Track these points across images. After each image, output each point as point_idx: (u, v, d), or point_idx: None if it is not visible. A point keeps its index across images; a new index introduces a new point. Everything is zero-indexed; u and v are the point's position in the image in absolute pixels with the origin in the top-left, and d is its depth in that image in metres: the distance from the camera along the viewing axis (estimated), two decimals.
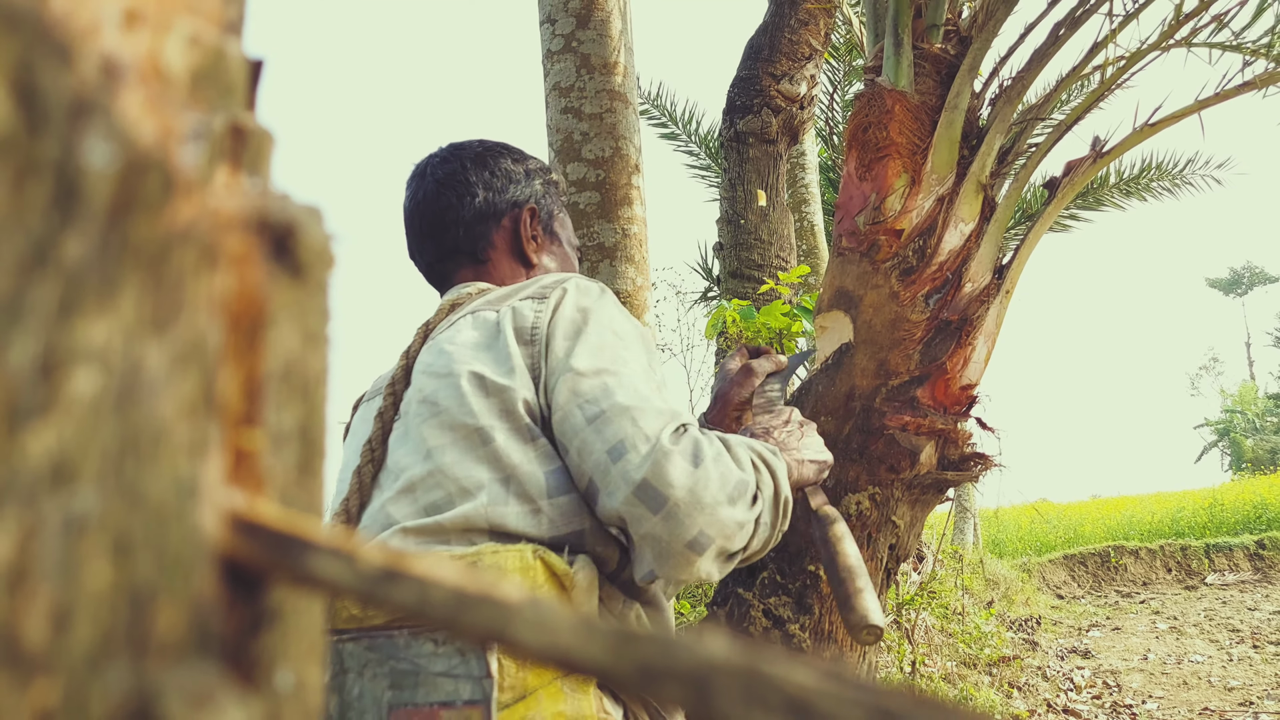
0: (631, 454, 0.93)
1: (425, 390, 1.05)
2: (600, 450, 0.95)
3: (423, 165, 1.34)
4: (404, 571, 0.22)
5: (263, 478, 0.24)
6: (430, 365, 1.07)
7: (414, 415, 1.05)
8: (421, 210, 1.31)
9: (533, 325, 1.04)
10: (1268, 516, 12.78)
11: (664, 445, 0.93)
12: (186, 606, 0.21)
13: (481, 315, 1.09)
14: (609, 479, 0.94)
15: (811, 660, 0.20)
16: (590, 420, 0.96)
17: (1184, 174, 10.73)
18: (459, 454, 0.99)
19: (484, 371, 1.02)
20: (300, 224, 0.26)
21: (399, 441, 1.06)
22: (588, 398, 0.97)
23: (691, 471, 0.93)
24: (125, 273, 0.20)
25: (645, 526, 0.92)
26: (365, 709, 0.85)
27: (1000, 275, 2.43)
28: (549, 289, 1.08)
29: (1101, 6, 2.47)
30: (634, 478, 0.92)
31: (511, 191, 1.30)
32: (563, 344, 1.02)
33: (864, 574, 1.31)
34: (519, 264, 1.30)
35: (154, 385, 0.21)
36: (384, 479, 1.05)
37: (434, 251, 1.31)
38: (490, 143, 1.35)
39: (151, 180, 0.22)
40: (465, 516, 0.95)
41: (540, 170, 1.36)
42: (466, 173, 1.29)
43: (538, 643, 0.20)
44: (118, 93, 0.22)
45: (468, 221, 1.28)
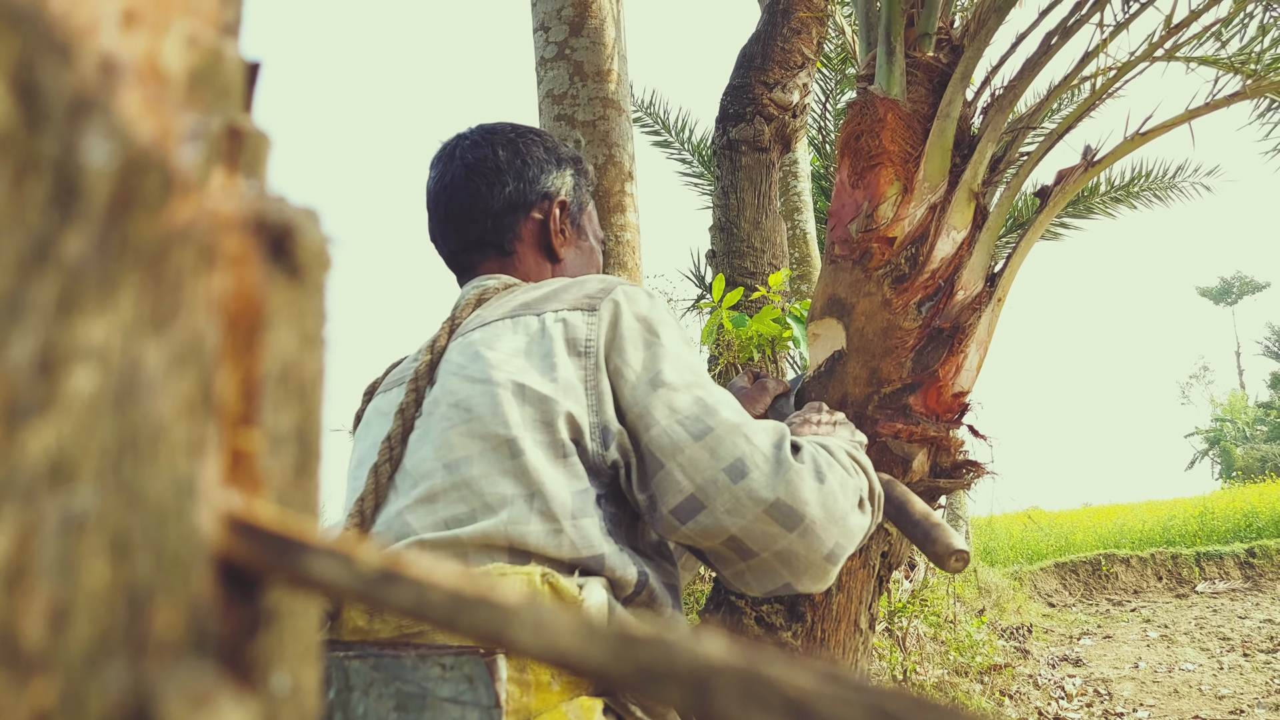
0: (755, 473, 0.95)
1: (458, 394, 1.01)
2: (714, 468, 0.95)
3: (451, 146, 1.29)
4: (402, 573, 0.22)
5: (260, 479, 0.24)
6: (463, 368, 1.03)
7: (441, 417, 1.01)
8: (449, 195, 1.25)
9: (586, 338, 1.01)
10: (1258, 525, 12.83)
11: (792, 463, 0.96)
12: (184, 607, 0.21)
13: (523, 321, 1.04)
14: (730, 498, 0.94)
15: (811, 662, 0.20)
16: (698, 437, 0.96)
17: (1174, 181, 10.79)
18: (486, 466, 0.96)
19: (526, 381, 0.98)
20: (298, 226, 0.26)
21: (420, 441, 1.01)
22: (687, 414, 0.97)
23: (819, 488, 0.97)
24: (124, 271, 0.20)
25: (780, 544, 0.95)
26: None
27: (992, 283, 2.44)
28: (596, 299, 1.04)
29: (1092, 16, 2.48)
30: (766, 498, 0.94)
31: (543, 182, 1.26)
32: (637, 357, 1.00)
33: (935, 514, 1.37)
34: (544, 257, 1.26)
35: (152, 384, 0.21)
36: (401, 480, 1.01)
37: (458, 240, 1.27)
38: (523, 128, 1.30)
39: (151, 179, 0.22)
40: (485, 533, 0.93)
41: (572, 160, 1.32)
42: (498, 159, 1.24)
43: (536, 645, 0.20)
44: (117, 92, 0.22)
45: (496, 212, 1.24)
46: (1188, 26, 2.46)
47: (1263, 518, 12.97)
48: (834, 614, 2.32)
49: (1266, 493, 14.90)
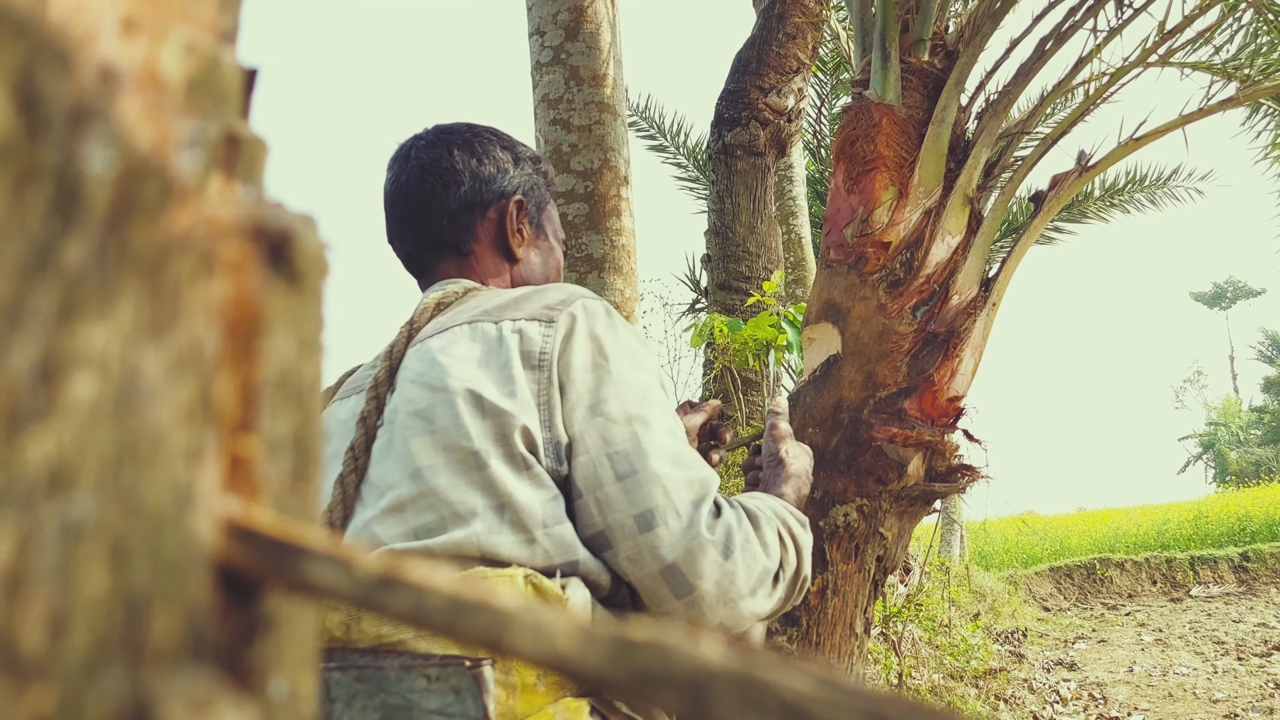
0: (662, 529, 0.93)
1: (418, 403, 0.99)
2: (626, 513, 0.94)
3: (407, 147, 1.27)
4: (400, 578, 0.22)
5: (258, 484, 0.24)
6: (422, 375, 1.01)
7: (402, 427, 0.99)
8: (404, 196, 1.24)
9: (541, 351, 0.99)
10: (1252, 529, 12.86)
11: (700, 533, 0.94)
12: (182, 613, 0.21)
13: (480, 328, 1.02)
14: (633, 546, 0.94)
15: (808, 666, 0.20)
16: (620, 478, 0.95)
17: (1167, 186, 10.83)
18: (452, 477, 0.94)
19: (482, 392, 0.96)
20: (296, 232, 0.26)
21: (383, 452, 1.00)
22: (618, 449, 0.96)
23: (721, 564, 0.94)
24: (124, 279, 0.20)
25: (665, 606, 0.94)
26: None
27: (987, 288, 2.45)
28: (555, 310, 1.02)
29: (1086, 23, 2.49)
30: (665, 558, 0.93)
31: (499, 181, 1.24)
32: (584, 378, 0.99)
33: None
34: (502, 258, 1.25)
35: (151, 391, 0.21)
36: (366, 492, 0.99)
37: (414, 241, 1.25)
38: (479, 127, 1.28)
39: (150, 187, 0.22)
40: (457, 544, 0.92)
41: (530, 159, 1.30)
42: (453, 159, 1.23)
43: (535, 649, 0.20)
44: (116, 99, 0.22)
45: (452, 212, 1.22)
46: (1181, 32, 2.47)
47: (1256, 521, 13.00)
48: (829, 618, 2.32)
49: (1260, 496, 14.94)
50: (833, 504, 2.33)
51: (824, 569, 2.33)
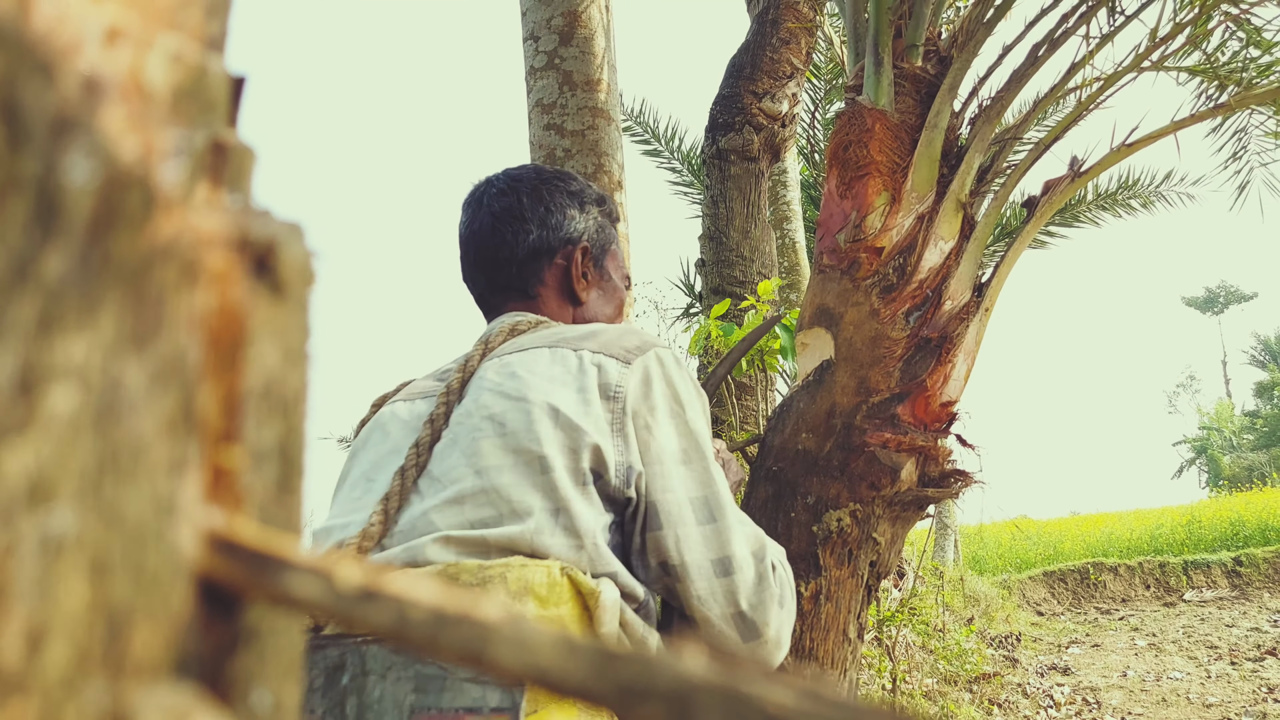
0: (738, 577, 1.05)
1: (492, 408, 1.06)
2: (704, 556, 1.04)
3: (479, 193, 1.36)
4: (381, 591, 0.22)
5: (242, 496, 0.24)
6: (499, 385, 1.08)
7: (473, 428, 1.05)
8: (477, 242, 1.33)
9: (616, 385, 1.07)
10: (1245, 533, 12.88)
11: (770, 581, 1.07)
12: (164, 626, 0.21)
13: (560, 353, 1.11)
14: (708, 586, 1.04)
15: (791, 679, 0.20)
16: (701, 523, 1.06)
17: (1159, 190, 10.86)
18: (516, 477, 1.00)
19: (560, 406, 1.04)
20: (281, 241, 0.26)
21: (446, 450, 1.06)
22: (698, 495, 1.07)
23: (779, 614, 1.07)
24: (105, 289, 0.20)
25: (727, 644, 1.06)
26: (385, 711, 0.84)
27: (980, 293, 2.45)
28: (632, 354, 1.11)
29: (1079, 29, 2.50)
30: (740, 605, 1.04)
31: (566, 228, 1.32)
32: (666, 425, 1.08)
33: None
34: (566, 301, 1.33)
35: (133, 403, 0.21)
36: (425, 485, 1.05)
37: (485, 284, 1.34)
38: (546, 173, 1.37)
39: (133, 197, 0.22)
40: (510, 538, 0.97)
41: (595, 201, 1.38)
42: (522, 208, 1.31)
43: (517, 662, 0.20)
44: (99, 109, 0.22)
45: (520, 260, 1.30)
46: (1173, 39, 2.48)
47: (1249, 526, 13.03)
48: (822, 624, 2.32)
49: (1253, 501, 14.98)
50: (826, 509, 2.33)
51: (817, 574, 2.33)
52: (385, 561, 0.98)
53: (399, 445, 1.12)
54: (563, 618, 0.92)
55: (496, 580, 0.91)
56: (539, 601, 0.91)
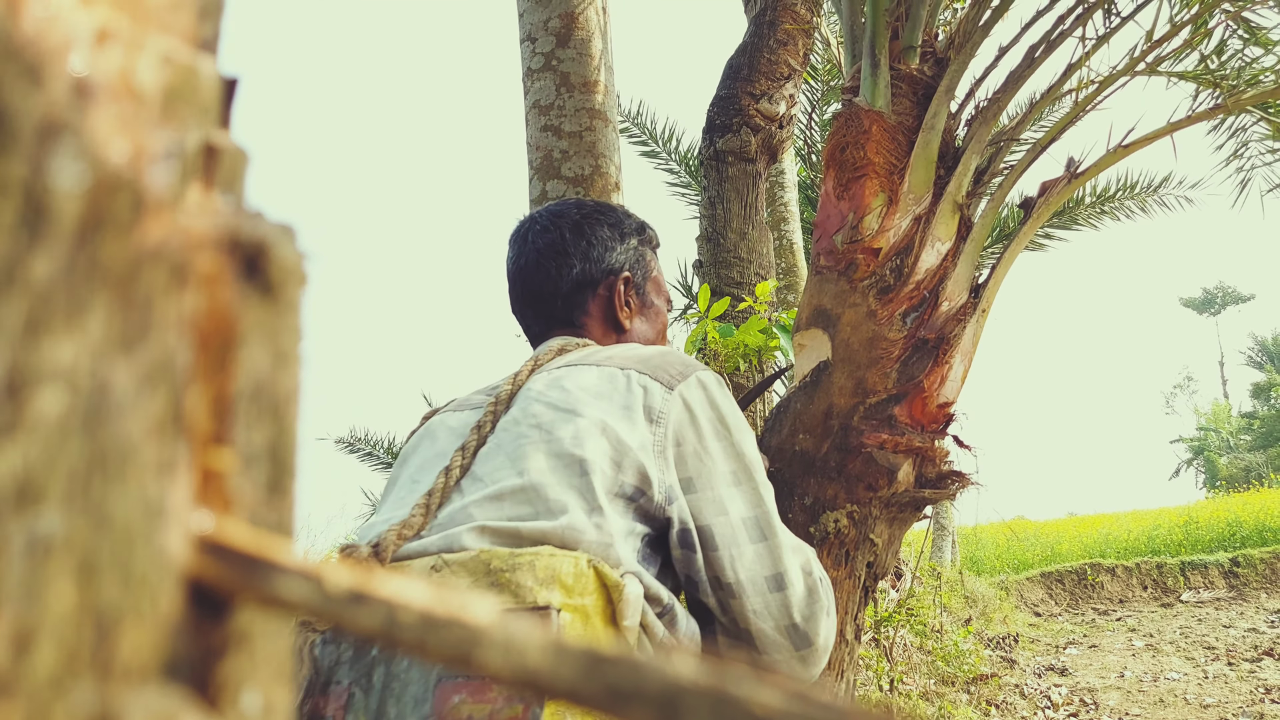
0: (790, 592, 1.11)
1: (540, 417, 1.11)
2: (759, 573, 1.10)
3: (524, 230, 1.42)
4: (371, 594, 0.22)
5: (231, 498, 0.24)
6: (547, 396, 1.13)
7: (517, 435, 1.10)
8: (523, 277, 1.39)
9: (660, 409, 1.12)
10: (1242, 534, 12.89)
11: (820, 594, 1.14)
12: (152, 629, 0.21)
13: (608, 371, 1.15)
14: (763, 601, 1.10)
15: (779, 681, 0.20)
16: (754, 540, 1.11)
17: (1158, 193, 10.87)
18: (556, 479, 1.04)
19: (609, 421, 1.08)
20: (272, 243, 0.26)
21: (491, 453, 1.10)
22: (750, 515, 1.13)
23: (827, 623, 1.15)
24: (93, 292, 0.20)
25: (780, 655, 1.12)
26: (412, 681, 0.86)
27: (977, 294, 2.45)
28: (675, 379, 1.15)
29: (1075, 31, 2.51)
30: (794, 618, 1.11)
31: (608, 260, 1.38)
32: (716, 446, 1.13)
33: None
34: (611, 329, 1.39)
35: (122, 405, 0.21)
36: (469, 484, 1.08)
37: (532, 317, 1.40)
38: (588, 208, 1.42)
39: (121, 200, 0.22)
40: (543, 531, 1.00)
41: (636, 230, 1.45)
42: (565, 243, 1.37)
43: (506, 665, 0.20)
44: (88, 112, 0.22)
45: (565, 294, 1.36)
46: (1169, 40, 2.48)
47: (1247, 527, 13.04)
48: None
49: (1250, 502, 14.99)
50: (823, 510, 2.33)
51: None
52: (421, 549, 1.00)
53: (445, 450, 1.17)
54: (587, 608, 0.93)
55: (525, 567, 0.93)
56: (565, 590, 0.92)
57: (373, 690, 0.87)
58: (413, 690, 0.85)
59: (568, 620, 0.90)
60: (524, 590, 0.91)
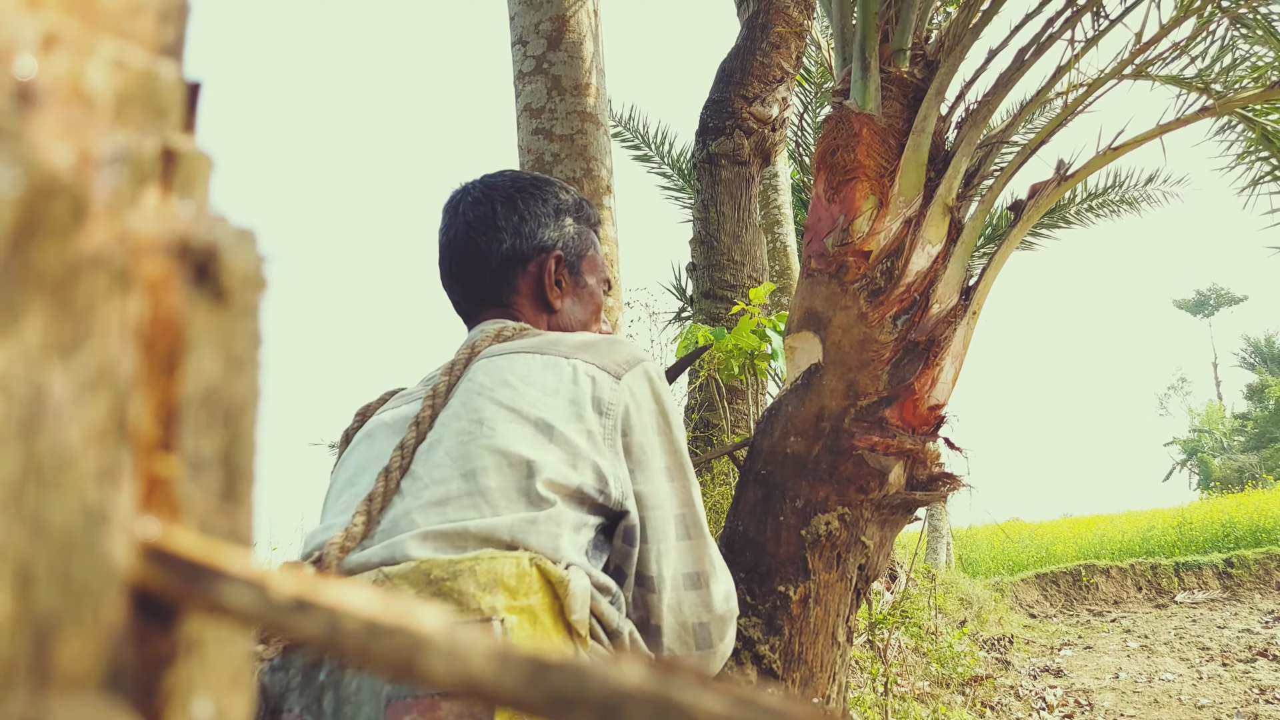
0: (707, 592, 1.12)
1: (484, 414, 1.07)
2: (680, 569, 1.11)
3: (456, 200, 1.37)
4: (315, 601, 0.21)
5: (179, 505, 0.24)
6: (490, 390, 1.09)
7: (458, 430, 1.07)
8: (453, 251, 1.34)
9: (609, 401, 1.10)
10: (1235, 535, 12.92)
11: (731, 604, 1.16)
12: (94, 637, 0.21)
13: (553, 360, 1.12)
14: (676, 597, 1.10)
15: (723, 686, 0.20)
16: (680, 538, 1.12)
17: (1146, 190, 10.94)
18: (502, 481, 1.02)
19: (556, 424, 1.06)
20: (224, 248, 0.26)
21: (430, 451, 1.07)
22: (680, 513, 1.12)
23: (732, 628, 1.17)
24: (29, 298, 0.20)
25: (679, 649, 1.12)
26: (363, 703, 0.85)
27: (967, 296, 2.45)
28: (623, 367, 1.13)
29: (1064, 33, 2.51)
30: (704, 617, 1.12)
31: (540, 237, 1.33)
32: (654, 441, 1.13)
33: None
34: (541, 309, 1.34)
35: (59, 412, 0.21)
36: (409, 485, 1.05)
37: (462, 294, 1.35)
38: (522, 181, 1.37)
39: (58, 205, 0.21)
40: (491, 527, 0.98)
41: (571, 207, 1.38)
42: (496, 216, 1.32)
43: (449, 672, 0.20)
44: (30, 117, 0.22)
45: (494, 270, 1.31)
46: (1156, 44, 2.49)
47: (1240, 528, 13.07)
48: (812, 627, 2.32)
49: (1244, 503, 15.02)
50: (814, 513, 2.33)
51: (806, 578, 2.32)
52: (364, 562, 0.98)
53: (384, 450, 1.13)
54: (534, 608, 0.92)
55: (466, 574, 0.91)
56: (509, 593, 0.91)
57: (324, 716, 0.86)
58: (365, 713, 0.84)
59: (515, 623, 0.89)
60: (467, 597, 0.89)
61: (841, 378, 2.38)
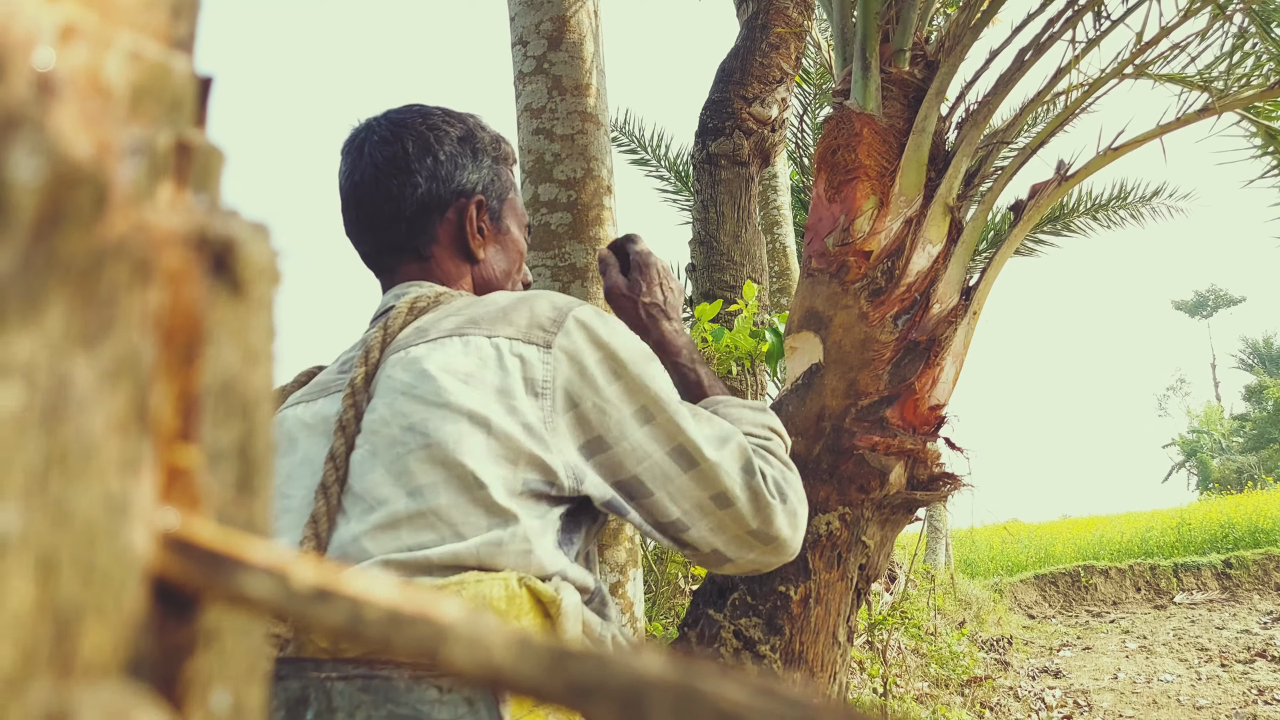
0: (737, 505, 1.06)
1: (412, 417, 0.96)
2: (703, 495, 1.05)
3: (360, 139, 1.21)
4: (336, 591, 0.21)
5: (198, 496, 0.24)
6: (413, 387, 0.98)
7: (391, 440, 0.96)
8: (358, 195, 1.19)
9: (543, 379, 0.99)
10: (1234, 536, 12.93)
11: (764, 493, 1.08)
12: (115, 626, 0.21)
13: (474, 342, 1.00)
14: (716, 520, 1.06)
15: (745, 676, 0.20)
16: (685, 470, 1.04)
17: (1150, 203, 10.94)
18: (454, 495, 0.93)
19: (490, 416, 0.96)
20: (241, 241, 0.26)
21: (366, 463, 0.97)
22: (675, 445, 1.04)
23: (784, 509, 1.10)
24: (52, 287, 0.20)
25: (753, 553, 1.09)
26: None
27: (968, 296, 2.46)
28: (549, 332, 1.02)
29: (1065, 34, 2.51)
30: (749, 525, 1.07)
31: (457, 179, 1.20)
32: (612, 390, 1.02)
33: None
34: (462, 259, 1.21)
35: (82, 401, 0.21)
36: (350, 504, 0.96)
37: (373, 244, 1.21)
38: (434, 117, 1.22)
39: (82, 194, 0.21)
40: (456, 554, 0.91)
41: (490, 147, 1.25)
42: (408, 158, 1.18)
43: (471, 661, 0.20)
44: (51, 107, 0.22)
45: (409, 217, 1.18)
46: (1157, 44, 2.49)
47: (1239, 529, 13.08)
48: (812, 627, 2.32)
49: (1243, 504, 15.03)
50: (815, 512, 2.33)
51: (806, 578, 2.33)
52: None
53: (310, 456, 1.03)
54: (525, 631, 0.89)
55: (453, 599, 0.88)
56: (499, 616, 0.87)
57: None
58: None
59: None
60: None
61: (842, 377, 2.38)
